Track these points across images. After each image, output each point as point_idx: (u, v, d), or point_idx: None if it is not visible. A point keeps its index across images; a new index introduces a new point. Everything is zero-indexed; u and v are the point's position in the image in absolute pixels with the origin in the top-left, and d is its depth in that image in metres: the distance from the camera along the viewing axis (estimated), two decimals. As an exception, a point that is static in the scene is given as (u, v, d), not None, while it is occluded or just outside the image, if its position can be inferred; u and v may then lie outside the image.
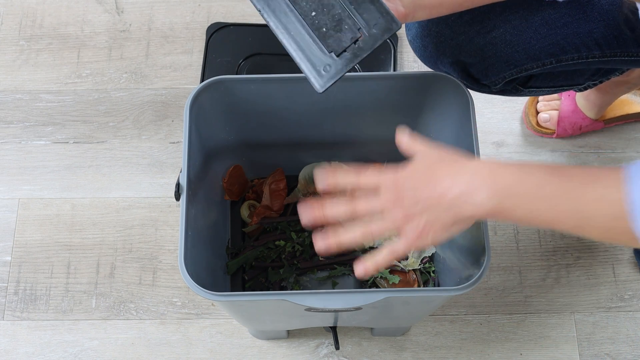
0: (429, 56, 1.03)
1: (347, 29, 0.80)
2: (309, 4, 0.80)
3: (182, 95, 1.50)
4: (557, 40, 0.95)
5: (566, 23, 0.94)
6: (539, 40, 0.95)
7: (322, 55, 0.81)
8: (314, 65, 0.81)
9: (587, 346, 1.30)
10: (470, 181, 0.74)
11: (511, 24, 0.95)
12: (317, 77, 0.81)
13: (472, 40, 0.96)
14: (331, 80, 0.80)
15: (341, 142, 1.19)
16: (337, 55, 0.80)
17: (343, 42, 0.80)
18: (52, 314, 1.33)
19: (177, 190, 0.95)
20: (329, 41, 0.80)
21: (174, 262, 1.36)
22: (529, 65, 0.98)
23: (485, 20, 0.94)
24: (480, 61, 0.98)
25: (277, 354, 1.30)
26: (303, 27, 0.81)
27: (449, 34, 0.97)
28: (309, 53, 0.81)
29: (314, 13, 0.80)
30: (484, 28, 0.95)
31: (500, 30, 0.95)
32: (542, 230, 1.38)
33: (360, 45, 0.80)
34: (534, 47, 0.96)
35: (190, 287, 0.89)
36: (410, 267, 1.20)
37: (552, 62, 0.97)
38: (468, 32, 0.96)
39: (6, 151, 1.46)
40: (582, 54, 0.96)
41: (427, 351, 1.30)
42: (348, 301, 0.90)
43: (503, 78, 1.00)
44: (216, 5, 1.59)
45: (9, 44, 1.56)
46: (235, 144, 1.17)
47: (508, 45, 0.96)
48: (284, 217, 1.23)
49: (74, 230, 1.39)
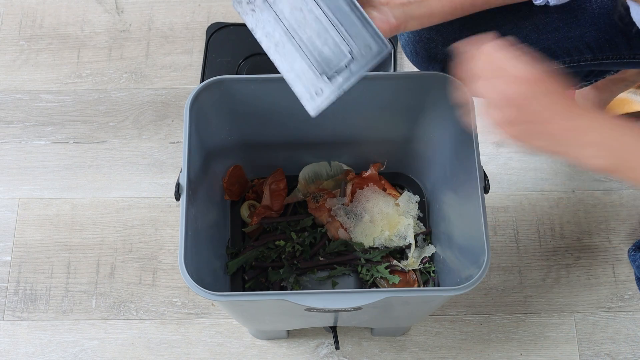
0: (421, 62, 1.03)
1: (339, 51, 0.80)
2: (300, 25, 0.80)
3: (182, 95, 1.50)
4: (549, 44, 0.95)
5: (557, 27, 0.94)
6: (530, 46, 0.95)
7: (314, 78, 0.81)
8: (306, 88, 0.81)
9: (587, 346, 1.30)
10: (592, 134, 0.72)
11: (501, 30, 0.95)
12: (310, 101, 0.81)
13: None
14: (323, 104, 0.81)
15: (341, 142, 1.19)
16: (329, 78, 0.81)
17: (334, 64, 0.80)
18: (52, 314, 1.33)
19: (177, 190, 0.95)
20: (321, 63, 0.80)
21: (174, 262, 1.36)
22: None
23: (476, 26, 0.94)
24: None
25: (277, 354, 1.30)
26: (295, 48, 0.81)
27: (440, 40, 0.97)
28: (301, 75, 0.81)
29: (305, 34, 0.80)
30: (475, 34, 0.96)
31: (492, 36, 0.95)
32: (542, 230, 1.38)
33: (352, 69, 0.80)
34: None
35: (190, 287, 0.89)
36: (410, 267, 1.20)
37: None
38: (459, 38, 0.96)
39: (6, 151, 1.46)
40: (574, 57, 0.96)
41: (427, 351, 1.30)
42: (348, 301, 0.90)
43: None
44: (216, 5, 1.59)
45: (9, 44, 1.56)
46: (235, 144, 1.17)
47: None
48: (284, 217, 1.23)
49: (74, 230, 1.39)
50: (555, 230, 1.38)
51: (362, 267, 1.19)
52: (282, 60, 0.81)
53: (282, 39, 0.82)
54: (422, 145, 1.18)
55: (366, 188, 1.24)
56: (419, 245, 1.22)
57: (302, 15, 0.81)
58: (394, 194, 1.24)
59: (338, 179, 1.26)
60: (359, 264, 1.19)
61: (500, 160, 1.44)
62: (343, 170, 1.26)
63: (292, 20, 0.81)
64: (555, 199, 1.41)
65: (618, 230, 1.38)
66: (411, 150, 1.20)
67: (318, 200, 1.23)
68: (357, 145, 1.19)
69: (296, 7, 0.81)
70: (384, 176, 1.26)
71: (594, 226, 1.39)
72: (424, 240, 1.23)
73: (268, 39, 0.82)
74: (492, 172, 1.40)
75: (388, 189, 1.25)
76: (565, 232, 1.38)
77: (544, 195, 1.41)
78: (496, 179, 1.41)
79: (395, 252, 1.21)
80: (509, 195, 1.41)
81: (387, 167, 1.26)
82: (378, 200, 1.22)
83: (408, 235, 1.20)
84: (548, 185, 1.42)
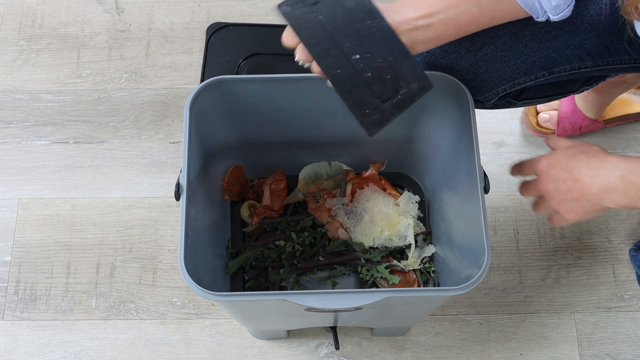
0: None
1: (390, 79, 0.83)
2: (352, 47, 0.82)
3: (182, 95, 1.50)
4: (549, 53, 0.95)
5: (556, 35, 0.94)
6: (530, 55, 0.95)
7: (368, 98, 0.83)
8: (361, 107, 0.84)
9: (587, 346, 1.30)
10: (607, 180, 0.85)
11: (501, 40, 0.95)
12: (366, 122, 0.85)
13: (463, 57, 0.97)
14: (380, 127, 0.85)
15: (341, 142, 1.19)
16: (383, 102, 0.83)
17: (387, 90, 0.83)
18: (52, 314, 1.33)
19: (177, 190, 0.95)
20: (374, 86, 0.83)
21: (174, 262, 1.36)
22: (522, 80, 0.98)
23: (475, 37, 0.94)
24: (472, 78, 0.98)
25: (277, 354, 1.30)
26: (351, 69, 0.83)
27: (440, 52, 0.97)
28: (357, 94, 0.83)
29: (357, 56, 0.83)
30: (474, 45, 0.96)
31: (491, 47, 0.95)
32: (542, 230, 1.38)
33: (401, 97, 0.84)
34: (525, 61, 0.96)
35: (190, 287, 0.89)
36: (410, 267, 1.20)
37: (544, 74, 0.98)
38: (459, 49, 0.96)
39: (6, 151, 1.46)
40: (575, 65, 0.97)
41: (427, 351, 1.30)
42: (348, 301, 0.90)
43: (496, 93, 1.01)
44: (216, 5, 1.59)
45: (9, 44, 1.56)
46: (235, 144, 1.17)
47: (500, 61, 0.96)
48: (284, 217, 1.24)
49: (74, 230, 1.39)
50: (555, 230, 1.38)
51: (362, 267, 1.19)
52: (338, 79, 0.84)
53: (338, 58, 0.84)
54: (422, 145, 1.18)
55: (366, 188, 1.24)
56: (419, 245, 1.22)
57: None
58: (394, 194, 1.24)
59: (338, 179, 1.26)
60: (359, 264, 1.19)
61: (500, 160, 1.44)
62: (343, 170, 1.26)
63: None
64: (555, 199, 1.41)
65: (618, 230, 1.38)
66: (411, 150, 1.20)
67: (318, 200, 1.23)
68: (357, 145, 1.19)
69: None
70: (384, 176, 1.26)
71: (594, 226, 1.39)
72: (424, 240, 1.23)
73: (324, 60, 0.84)
74: (492, 172, 1.40)
75: (388, 189, 1.25)
76: (565, 232, 1.38)
77: (544, 195, 1.41)
78: (496, 179, 1.41)
79: (395, 252, 1.21)
80: (509, 195, 1.41)
81: (387, 167, 1.26)
82: (378, 200, 1.22)
83: (408, 235, 1.20)
84: (548, 185, 1.42)
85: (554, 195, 0.92)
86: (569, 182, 0.89)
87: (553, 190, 0.91)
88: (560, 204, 0.91)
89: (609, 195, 0.85)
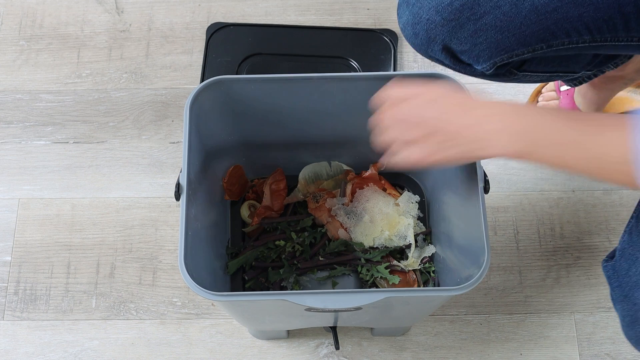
0: (420, 43, 1.03)
1: None
2: None
3: (182, 95, 1.50)
4: (548, 25, 0.95)
5: (556, 8, 0.95)
6: (529, 26, 0.96)
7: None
8: None
9: (587, 346, 1.30)
10: (492, 122, 0.78)
11: (501, 10, 0.95)
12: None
13: (463, 26, 0.97)
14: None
15: (341, 142, 1.19)
16: None
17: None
18: (52, 314, 1.33)
19: (177, 190, 0.95)
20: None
21: (174, 262, 1.36)
22: (520, 51, 0.99)
23: (475, 6, 0.95)
24: (471, 47, 0.99)
25: (277, 354, 1.30)
26: None
27: (440, 20, 0.98)
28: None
29: None
30: (474, 15, 0.96)
31: (491, 17, 0.96)
32: (542, 230, 1.38)
33: None
34: (524, 32, 0.96)
35: (190, 287, 0.89)
36: (410, 267, 1.20)
37: (542, 47, 0.98)
38: (459, 18, 0.96)
39: (6, 151, 1.46)
40: (573, 39, 0.97)
41: (427, 351, 1.30)
42: (348, 301, 0.90)
43: (494, 63, 1.01)
44: (216, 5, 1.59)
45: (9, 44, 1.56)
46: (235, 144, 1.17)
47: (499, 32, 0.96)
48: (284, 217, 1.24)
49: (74, 230, 1.39)
50: (555, 230, 1.38)
51: (362, 267, 1.19)
52: None
53: None
54: (422, 145, 1.18)
55: (366, 188, 1.24)
56: (419, 245, 1.22)
57: None
58: (394, 194, 1.24)
59: (338, 179, 1.26)
60: (359, 264, 1.19)
61: (500, 160, 1.44)
62: (343, 170, 1.26)
63: None
64: (555, 199, 1.41)
65: (618, 230, 1.38)
66: (411, 150, 1.20)
67: (318, 200, 1.23)
68: (357, 145, 1.19)
69: None
70: (384, 176, 1.26)
71: (594, 226, 1.39)
72: (424, 240, 1.23)
73: None
74: (492, 172, 1.40)
75: (388, 189, 1.25)
76: (565, 232, 1.38)
77: (544, 195, 1.41)
78: (496, 179, 1.41)
79: (395, 252, 1.21)
80: (509, 195, 1.41)
81: (387, 167, 1.26)
82: (378, 200, 1.22)
83: (408, 235, 1.20)
84: (548, 185, 1.42)
85: (404, 132, 0.86)
86: (438, 121, 0.83)
87: (402, 124, 0.86)
88: (413, 143, 0.85)
89: (496, 138, 0.79)
